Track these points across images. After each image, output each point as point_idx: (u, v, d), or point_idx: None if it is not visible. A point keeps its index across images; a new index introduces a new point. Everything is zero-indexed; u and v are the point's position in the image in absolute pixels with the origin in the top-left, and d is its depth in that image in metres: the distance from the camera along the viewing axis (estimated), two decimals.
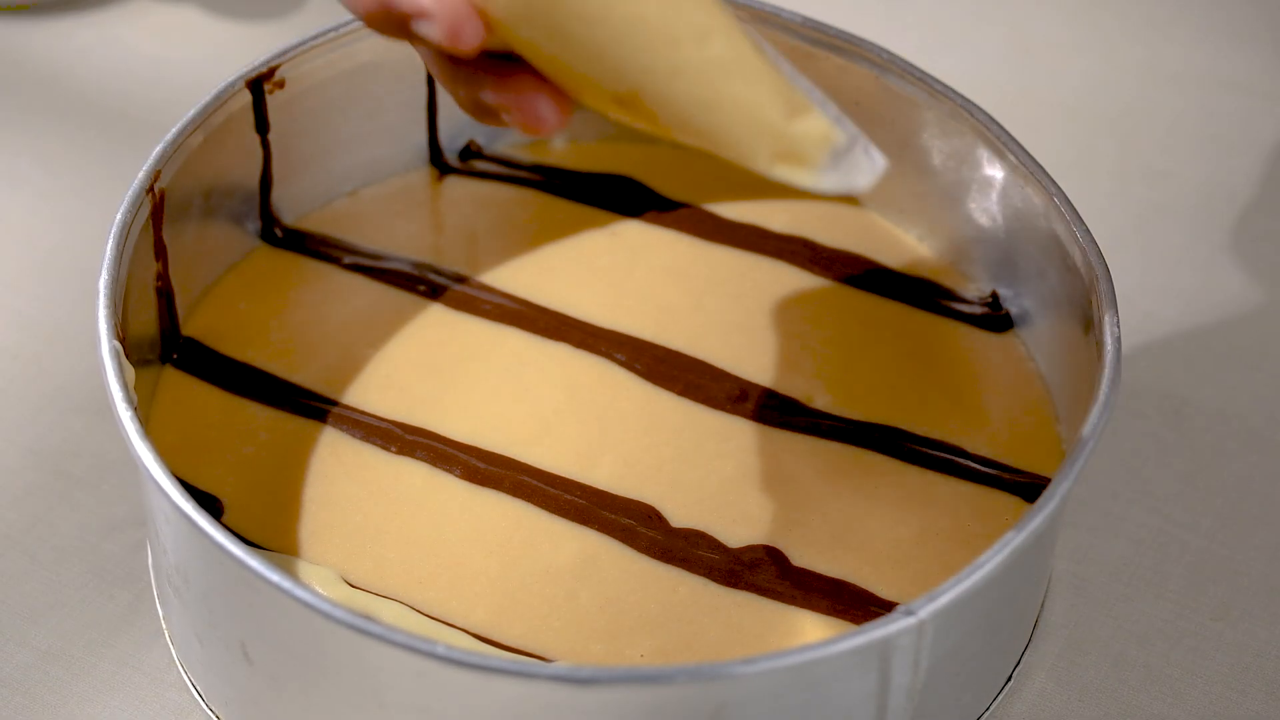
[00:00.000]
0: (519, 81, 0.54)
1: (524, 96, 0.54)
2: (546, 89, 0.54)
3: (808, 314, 0.69)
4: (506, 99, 0.54)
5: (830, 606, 0.61)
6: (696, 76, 0.52)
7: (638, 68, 0.52)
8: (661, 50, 0.52)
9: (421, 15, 0.53)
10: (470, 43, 0.53)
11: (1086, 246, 0.63)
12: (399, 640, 0.53)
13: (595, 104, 0.54)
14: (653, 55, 0.52)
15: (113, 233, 0.63)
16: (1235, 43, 0.86)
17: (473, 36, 0.53)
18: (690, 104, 0.52)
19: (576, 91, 0.54)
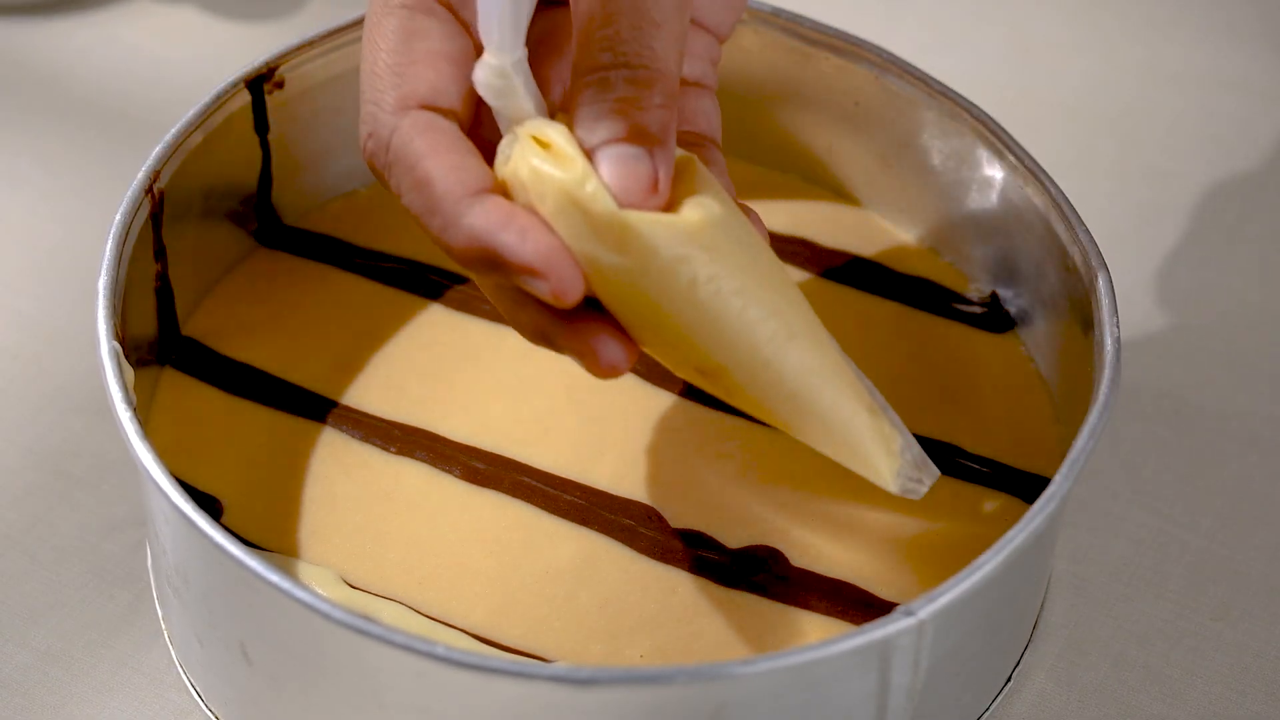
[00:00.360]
0: (589, 327, 0.54)
1: (595, 340, 0.54)
2: (617, 333, 0.54)
3: None
4: (578, 344, 0.54)
5: (830, 606, 0.61)
6: (786, 371, 0.55)
7: (728, 353, 0.54)
8: (756, 342, 0.54)
9: (530, 274, 0.52)
10: (573, 301, 0.53)
11: (1086, 246, 0.63)
12: (398, 641, 0.53)
13: (674, 367, 0.55)
14: (747, 347, 0.54)
15: (112, 233, 0.63)
16: (1235, 43, 0.86)
17: (576, 295, 0.53)
18: (775, 394, 0.55)
19: (657, 352, 0.55)
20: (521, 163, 0.53)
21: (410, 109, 0.53)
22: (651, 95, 0.53)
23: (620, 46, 0.53)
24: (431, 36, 0.54)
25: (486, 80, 0.54)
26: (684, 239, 0.53)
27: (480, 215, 0.52)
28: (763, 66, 0.72)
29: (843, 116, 0.71)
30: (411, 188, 0.53)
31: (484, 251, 0.52)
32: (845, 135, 0.72)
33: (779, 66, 0.71)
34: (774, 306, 0.54)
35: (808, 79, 0.71)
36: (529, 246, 0.52)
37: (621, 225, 0.52)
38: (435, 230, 0.53)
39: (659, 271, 0.53)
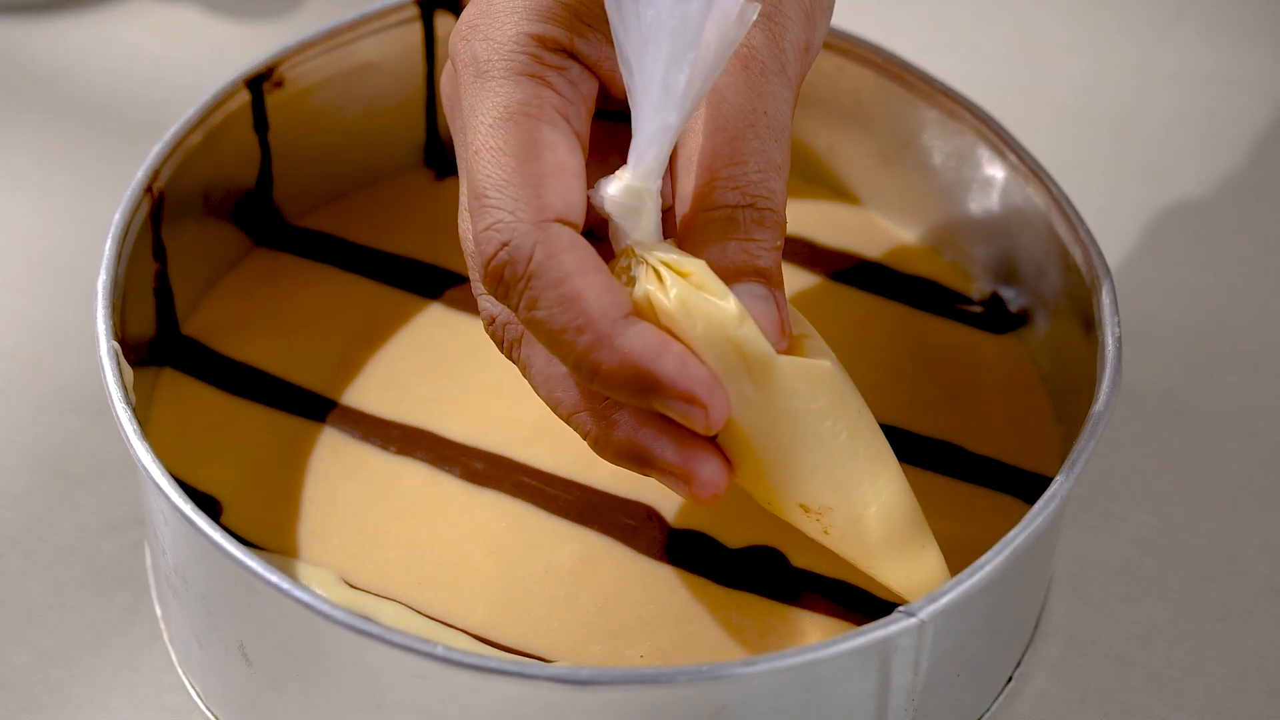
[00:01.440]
0: (698, 449, 0.55)
1: (699, 461, 0.54)
2: (722, 456, 0.55)
3: (808, 314, 0.69)
4: (682, 464, 0.54)
5: (830, 607, 0.61)
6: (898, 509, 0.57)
7: (841, 494, 0.56)
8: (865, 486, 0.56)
9: (688, 401, 0.53)
10: (719, 428, 0.54)
11: (1087, 246, 0.63)
12: (398, 641, 0.53)
13: (771, 502, 0.57)
14: (859, 489, 0.56)
15: (112, 233, 0.62)
16: (1235, 43, 0.86)
17: (724, 423, 0.54)
18: (879, 535, 0.57)
19: (756, 485, 0.56)
20: (667, 291, 0.54)
21: (550, 222, 0.53)
22: (775, 238, 0.55)
23: (749, 188, 0.55)
24: (559, 150, 0.54)
25: (623, 200, 0.54)
26: (821, 383, 0.55)
27: (638, 339, 0.53)
28: None
29: (843, 116, 0.71)
30: (557, 303, 0.53)
31: (640, 374, 0.53)
32: (845, 135, 0.72)
33: None
34: (878, 451, 0.57)
35: (808, 79, 0.71)
36: (691, 374, 0.53)
37: (772, 365, 0.54)
38: (582, 347, 0.53)
39: (789, 413, 0.54)
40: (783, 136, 0.55)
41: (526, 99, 0.54)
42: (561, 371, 0.56)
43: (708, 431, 0.54)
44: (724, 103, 0.55)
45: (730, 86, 0.55)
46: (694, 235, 0.55)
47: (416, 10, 0.71)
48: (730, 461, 0.55)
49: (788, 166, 0.56)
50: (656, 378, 0.52)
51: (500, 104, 0.54)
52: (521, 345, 0.57)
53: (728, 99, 0.55)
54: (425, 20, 0.71)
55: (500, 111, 0.54)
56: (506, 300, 0.53)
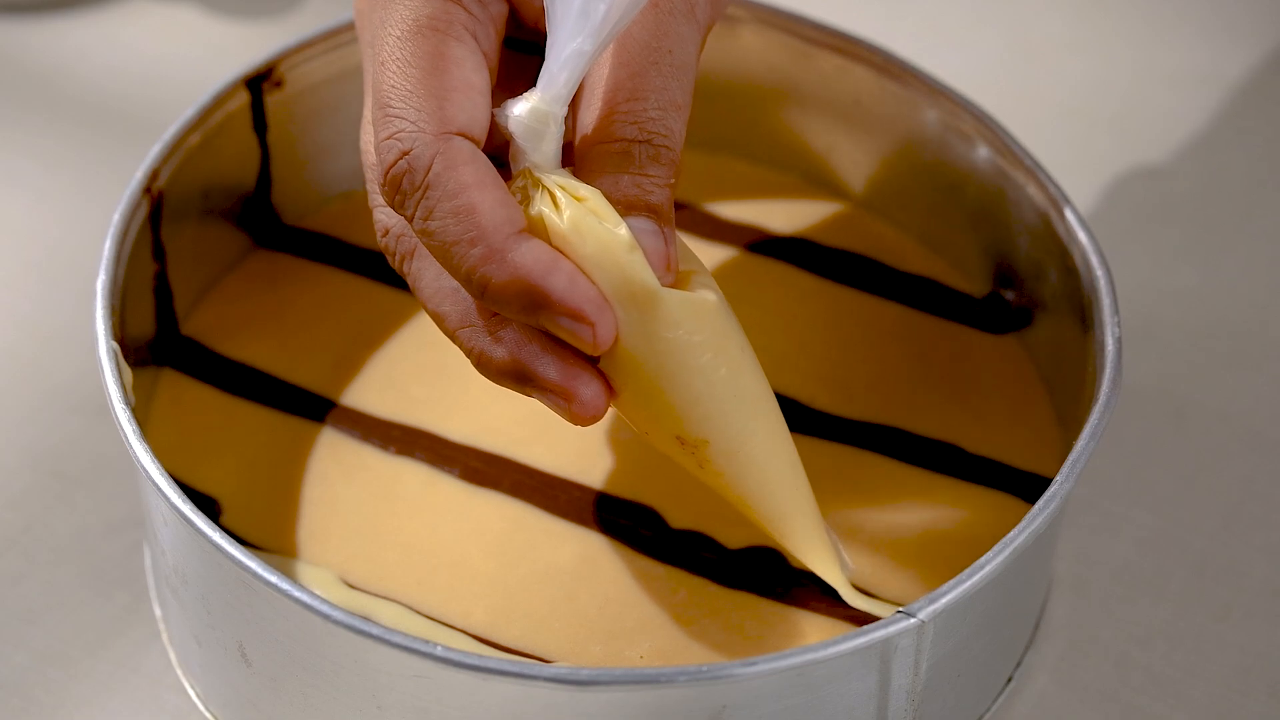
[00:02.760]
0: (579, 368, 0.55)
1: (580, 380, 0.55)
2: (603, 379, 0.55)
3: (808, 314, 0.69)
4: (563, 383, 0.55)
5: (830, 607, 0.61)
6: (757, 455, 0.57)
7: (715, 428, 0.56)
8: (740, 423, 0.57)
9: (576, 318, 0.53)
10: (606, 348, 0.54)
11: (1086, 246, 0.63)
12: (398, 641, 0.53)
13: (647, 431, 0.57)
14: (734, 425, 0.56)
15: (111, 233, 0.62)
16: (1235, 43, 0.86)
17: (611, 343, 0.54)
18: (747, 474, 0.57)
19: (634, 414, 0.57)
20: (561, 213, 0.54)
21: (451, 135, 0.54)
22: (669, 175, 0.56)
23: (647, 124, 0.55)
24: (465, 66, 0.54)
25: (528, 121, 0.55)
26: (703, 316, 0.55)
27: (529, 255, 0.53)
28: (763, 66, 0.72)
29: (843, 116, 0.71)
30: (451, 215, 0.53)
31: (529, 290, 0.53)
32: (845, 135, 0.72)
33: (779, 66, 0.71)
34: (759, 392, 0.57)
35: (808, 79, 0.71)
36: (580, 292, 0.53)
37: (656, 296, 0.54)
38: (473, 261, 0.53)
39: (671, 343, 0.55)
40: (685, 77, 0.56)
41: (435, 14, 0.54)
42: (451, 286, 0.56)
43: (594, 350, 0.54)
44: (629, 39, 0.56)
45: (637, 23, 0.56)
46: (589, 166, 0.56)
47: None
48: (611, 388, 0.56)
49: (688, 107, 0.56)
50: (546, 293, 0.53)
51: (410, 17, 0.55)
52: (414, 258, 0.57)
53: (633, 35, 0.56)
54: None
55: (409, 24, 0.54)
56: (402, 210, 0.54)
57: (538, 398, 0.56)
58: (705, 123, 0.74)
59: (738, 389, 0.56)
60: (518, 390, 0.56)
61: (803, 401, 0.66)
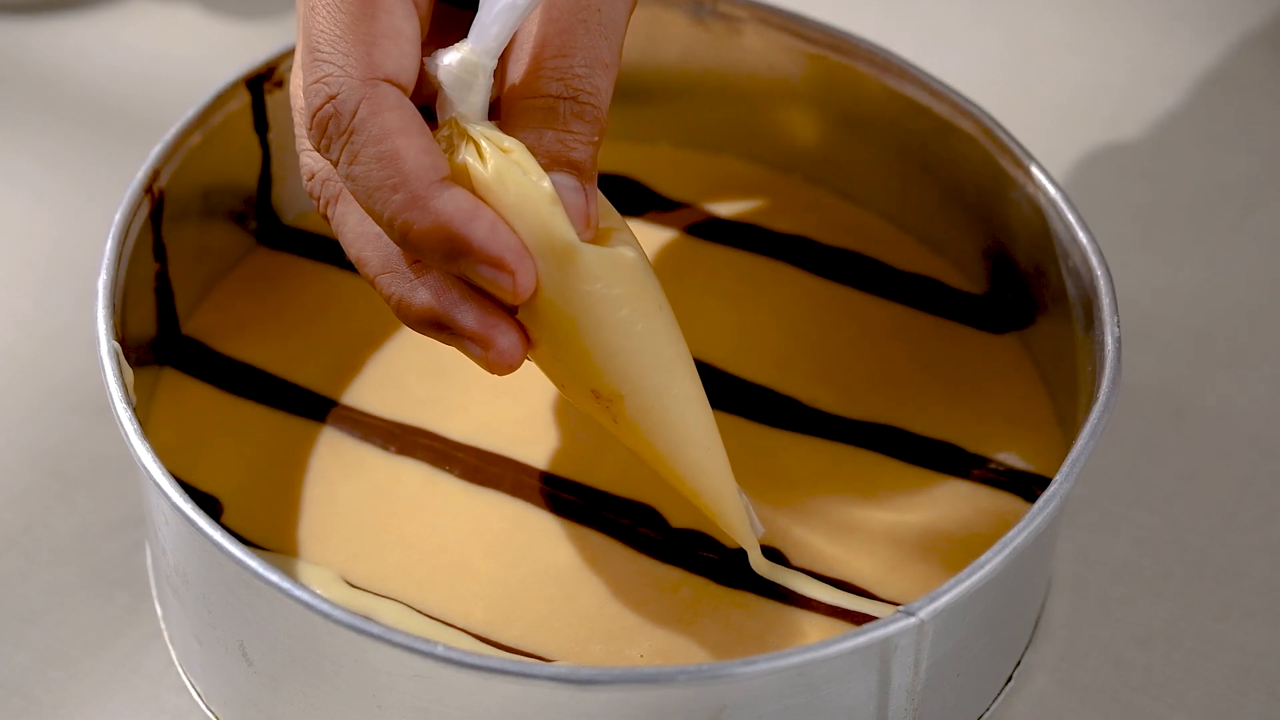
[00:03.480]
0: (497, 317, 0.56)
1: (498, 329, 0.55)
2: (520, 329, 0.56)
3: (808, 314, 0.69)
4: (481, 330, 0.55)
5: (830, 606, 0.61)
6: (671, 414, 0.58)
7: (630, 383, 0.57)
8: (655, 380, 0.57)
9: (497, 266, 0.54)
10: (527, 298, 0.55)
11: (1086, 246, 0.63)
12: (398, 641, 0.53)
13: (563, 384, 0.58)
14: (649, 382, 0.57)
15: (112, 233, 0.62)
16: (1234, 42, 0.86)
17: (531, 292, 0.55)
18: (660, 433, 0.58)
19: (550, 366, 0.58)
20: (485, 162, 0.55)
21: (378, 80, 0.54)
22: (593, 132, 0.56)
23: (573, 81, 0.56)
24: (395, 13, 0.55)
25: (458, 71, 0.55)
26: (621, 271, 0.56)
27: (451, 203, 0.54)
28: (763, 66, 0.72)
29: (843, 116, 0.71)
30: (374, 159, 0.53)
31: (450, 237, 0.53)
32: (845, 135, 0.72)
33: (779, 66, 0.71)
34: (675, 351, 0.58)
35: (808, 79, 0.71)
36: (501, 240, 0.54)
37: (575, 250, 0.55)
38: (395, 206, 0.54)
39: (588, 297, 0.55)
40: (613, 35, 0.56)
41: None
42: (374, 231, 0.57)
43: (514, 299, 0.55)
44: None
45: None
46: (514, 121, 0.56)
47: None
48: (529, 339, 0.56)
49: (616, 66, 0.56)
50: (467, 241, 0.53)
51: None
52: (338, 203, 0.58)
53: None
54: None
55: None
56: (328, 154, 0.54)
57: (455, 345, 0.56)
58: (705, 123, 0.74)
59: (654, 345, 0.57)
60: (436, 338, 0.56)
61: (803, 401, 0.66)
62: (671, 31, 0.72)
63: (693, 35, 0.72)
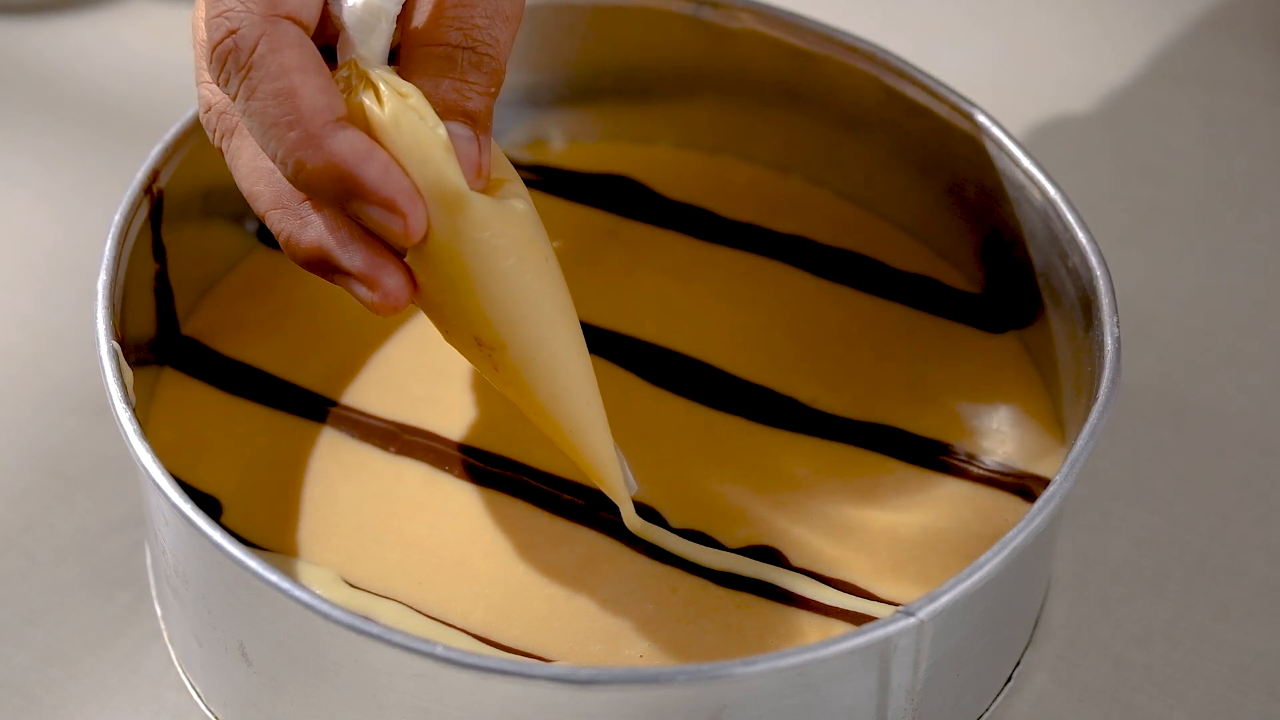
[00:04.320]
0: (384, 258, 0.56)
1: (385, 270, 0.56)
2: (407, 270, 0.57)
3: (808, 314, 0.69)
4: (368, 270, 0.56)
5: (830, 607, 0.61)
6: (555, 366, 0.58)
7: (513, 332, 0.58)
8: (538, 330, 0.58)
9: (389, 209, 0.55)
10: (417, 241, 0.55)
11: (1086, 246, 0.63)
12: (398, 641, 0.53)
13: (447, 330, 0.59)
14: (532, 332, 0.58)
15: (112, 233, 0.63)
16: (1235, 43, 0.86)
17: (421, 236, 0.55)
18: (541, 383, 0.58)
19: (435, 311, 0.58)
20: (383, 105, 0.55)
21: (280, 18, 0.54)
22: (490, 84, 0.57)
23: (473, 31, 0.56)
24: None
25: (361, 14, 0.56)
26: (509, 221, 0.57)
27: (345, 142, 0.54)
28: (763, 66, 0.72)
29: (843, 116, 0.71)
30: (272, 96, 0.54)
31: (343, 176, 0.54)
32: (845, 135, 0.72)
33: (779, 66, 0.71)
34: (560, 303, 0.58)
35: (808, 79, 0.71)
36: (393, 182, 0.54)
37: (465, 198, 0.56)
38: (290, 143, 0.54)
39: (476, 244, 0.56)
40: None
41: None
42: (267, 167, 0.57)
43: (404, 242, 0.55)
44: None
45: None
46: (413, 68, 0.57)
47: None
48: (415, 283, 0.57)
49: (518, 20, 0.57)
50: (359, 181, 0.54)
51: None
52: (233, 136, 0.58)
53: None
54: None
55: None
56: (226, 88, 0.55)
57: (342, 285, 0.57)
58: (705, 123, 0.74)
59: (538, 297, 0.57)
60: (323, 276, 0.57)
61: (803, 401, 0.66)
62: (671, 31, 0.72)
63: (693, 35, 0.72)
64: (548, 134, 0.75)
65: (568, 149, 0.75)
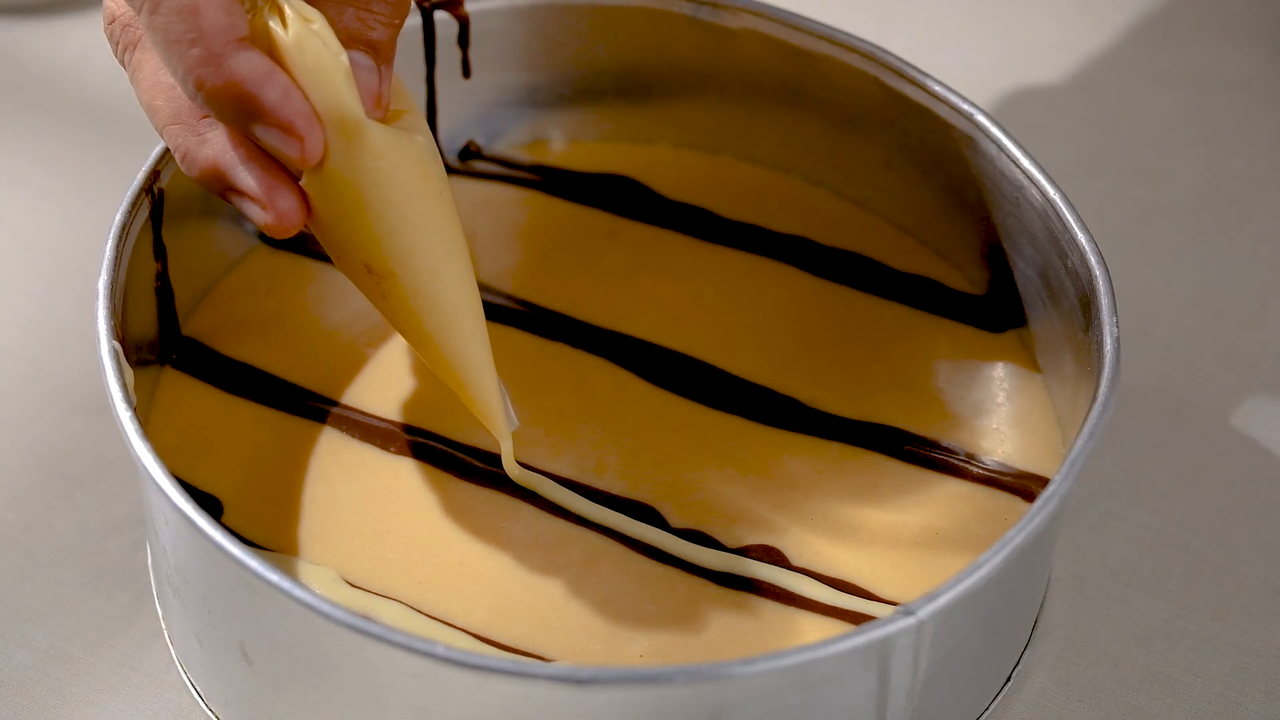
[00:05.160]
0: (280, 179, 0.57)
1: (279, 190, 0.57)
2: (301, 193, 0.57)
3: (808, 314, 0.69)
4: (263, 189, 0.56)
5: (830, 607, 0.61)
6: (445, 298, 0.59)
7: (404, 261, 0.58)
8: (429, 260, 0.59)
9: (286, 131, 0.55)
10: (314, 164, 0.56)
11: (1086, 246, 0.63)
12: (398, 640, 0.53)
13: (339, 256, 0.59)
14: (422, 262, 0.58)
15: (112, 233, 0.63)
16: (1235, 43, 0.86)
17: (318, 159, 0.56)
18: (430, 314, 0.59)
19: (327, 235, 0.59)
20: (287, 28, 0.56)
21: None
22: (394, 15, 0.58)
23: None
24: None
25: None
26: (405, 152, 0.57)
27: (246, 63, 0.55)
28: (762, 66, 0.72)
29: (843, 116, 0.72)
30: (174, 12, 0.54)
31: (242, 96, 0.55)
32: (845, 135, 0.72)
33: (779, 66, 0.72)
34: (451, 237, 0.59)
35: (808, 79, 0.71)
36: (292, 105, 0.55)
37: (360, 125, 0.56)
38: (191, 60, 0.54)
39: (371, 172, 0.57)
40: None
41: None
42: (168, 82, 0.57)
43: (300, 165, 0.56)
44: None
45: None
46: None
47: (417, 10, 0.71)
48: (309, 208, 0.57)
49: None
50: (258, 102, 0.55)
51: None
52: (136, 50, 0.58)
53: None
54: (425, 20, 0.71)
55: None
56: (131, 1, 0.55)
57: (235, 204, 0.57)
58: (705, 123, 0.74)
59: (430, 229, 0.58)
60: (218, 194, 0.57)
61: (803, 401, 0.67)
62: (671, 31, 0.72)
63: (693, 35, 0.72)
64: (548, 134, 0.75)
65: (568, 149, 0.75)
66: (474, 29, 0.72)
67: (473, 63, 0.73)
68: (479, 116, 0.74)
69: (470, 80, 0.73)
